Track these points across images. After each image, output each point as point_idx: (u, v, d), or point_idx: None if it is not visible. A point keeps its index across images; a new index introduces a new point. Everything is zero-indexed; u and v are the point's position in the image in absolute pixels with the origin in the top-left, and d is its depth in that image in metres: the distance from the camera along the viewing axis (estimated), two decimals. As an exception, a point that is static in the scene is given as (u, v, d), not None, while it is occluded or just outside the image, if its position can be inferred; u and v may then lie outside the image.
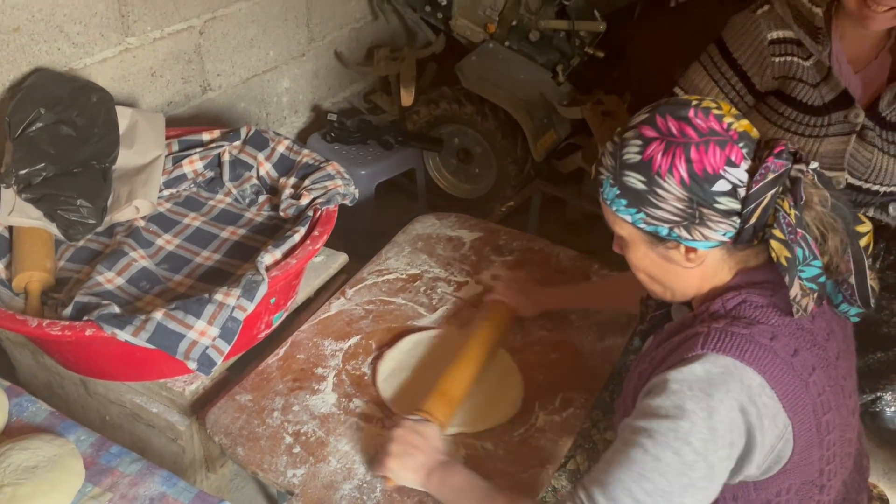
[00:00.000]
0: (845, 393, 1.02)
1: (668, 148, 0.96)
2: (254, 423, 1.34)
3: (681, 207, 0.97)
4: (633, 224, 1.02)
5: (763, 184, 0.94)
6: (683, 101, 0.99)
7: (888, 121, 1.62)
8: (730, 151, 0.95)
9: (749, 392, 0.92)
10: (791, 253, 0.95)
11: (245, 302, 1.33)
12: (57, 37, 1.74)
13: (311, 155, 1.73)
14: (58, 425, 1.18)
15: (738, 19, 1.68)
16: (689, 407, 0.92)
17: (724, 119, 0.97)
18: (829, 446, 0.99)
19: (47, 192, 1.51)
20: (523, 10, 2.46)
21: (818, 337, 0.99)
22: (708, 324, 0.99)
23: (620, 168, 1.00)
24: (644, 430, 0.94)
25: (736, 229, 0.97)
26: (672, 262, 1.03)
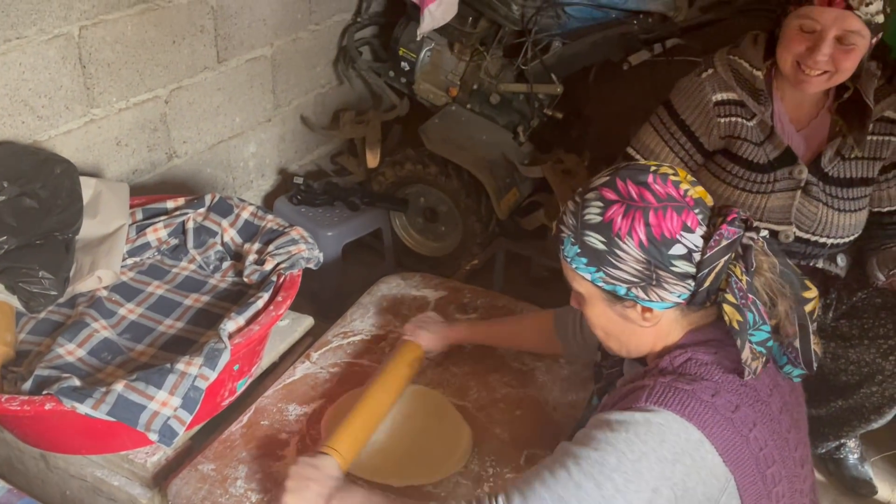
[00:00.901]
0: (790, 446, 1.05)
1: (627, 211, 1.00)
2: (216, 493, 1.33)
3: (639, 269, 1.01)
4: (592, 282, 1.06)
5: (717, 250, 0.99)
6: (643, 167, 1.04)
7: (830, 176, 1.70)
8: (686, 217, 1.00)
9: (685, 445, 0.96)
10: (743, 317, 0.99)
11: (207, 371, 1.33)
12: (22, 110, 1.76)
13: (276, 220, 1.75)
14: (15, 502, 1.17)
15: (684, 83, 1.76)
16: (621, 447, 0.96)
17: (681, 185, 1.02)
18: (779, 498, 1.02)
19: (9, 265, 1.51)
20: (483, 75, 2.54)
21: (761, 393, 1.03)
22: (655, 378, 1.02)
23: (581, 228, 1.04)
24: (574, 456, 0.98)
25: (690, 291, 1.02)
26: (629, 320, 1.07)
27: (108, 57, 1.92)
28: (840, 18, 1.50)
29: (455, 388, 1.58)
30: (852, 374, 1.81)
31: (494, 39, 2.52)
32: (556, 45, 2.46)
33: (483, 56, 2.53)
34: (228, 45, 2.28)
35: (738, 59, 1.70)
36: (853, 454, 2.03)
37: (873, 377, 1.77)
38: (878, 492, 2.00)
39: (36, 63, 1.75)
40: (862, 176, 1.71)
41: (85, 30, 1.84)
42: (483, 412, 1.52)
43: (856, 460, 2.02)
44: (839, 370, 1.84)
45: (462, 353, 1.68)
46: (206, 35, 2.19)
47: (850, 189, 1.71)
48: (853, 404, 1.85)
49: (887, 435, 2.02)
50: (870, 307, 1.78)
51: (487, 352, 1.67)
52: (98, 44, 1.88)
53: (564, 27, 2.44)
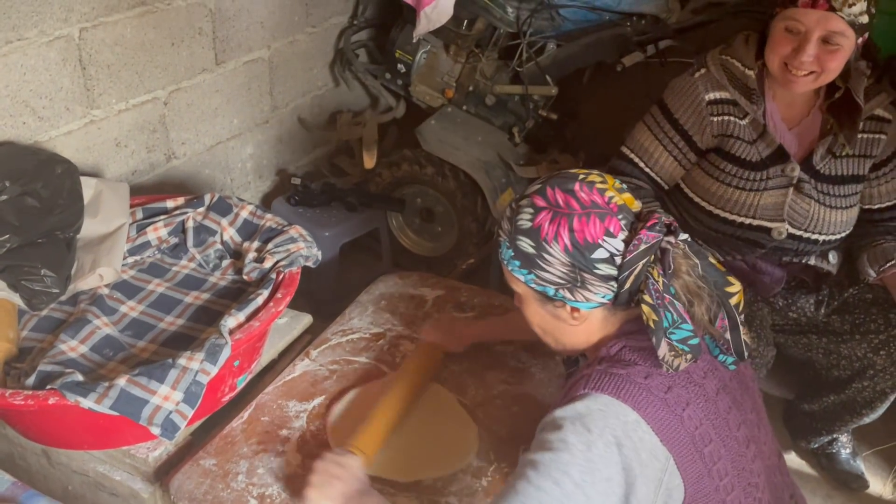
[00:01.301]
0: (730, 425, 1.09)
1: (554, 217, 1.06)
2: (218, 488, 1.34)
3: (564, 271, 1.07)
4: (525, 283, 1.12)
5: (636, 253, 1.05)
6: (572, 175, 1.10)
7: (822, 174, 1.72)
8: (609, 223, 1.05)
9: (625, 427, 1.01)
10: (658, 316, 1.04)
11: (208, 365, 1.35)
12: (23, 111, 1.78)
13: (274, 219, 1.77)
14: (20, 495, 1.18)
15: (677, 83, 1.79)
16: (570, 440, 1.00)
17: (607, 193, 1.08)
18: (722, 476, 1.06)
19: (11, 263, 1.52)
20: (479, 77, 2.56)
21: (694, 375, 1.08)
22: (592, 367, 1.08)
23: (514, 233, 1.10)
24: (531, 462, 1.02)
25: (613, 293, 1.08)
26: (560, 319, 1.14)
27: (108, 59, 1.94)
28: (823, 20, 1.53)
29: (453, 386, 1.60)
30: (844, 368, 1.84)
31: (490, 41, 2.55)
32: (550, 46, 2.48)
33: (478, 58, 2.55)
34: (226, 47, 2.30)
35: (730, 59, 1.73)
36: (845, 449, 2.05)
37: (865, 372, 1.80)
38: (869, 486, 2.02)
39: (37, 64, 1.77)
40: (853, 173, 1.74)
41: (85, 32, 1.86)
42: (480, 409, 1.54)
43: (848, 455, 2.05)
44: (831, 365, 1.87)
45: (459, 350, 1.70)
46: (205, 37, 2.21)
47: (841, 186, 1.73)
48: (845, 399, 1.88)
49: (879, 430, 2.05)
50: (861, 303, 1.81)
51: (484, 350, 1.69)
52: (98, 46, 1.90)
53: (559, 29, 2.47)
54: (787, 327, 1.91)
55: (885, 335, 1.75)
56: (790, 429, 2.11)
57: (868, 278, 1.78)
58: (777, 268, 1.81)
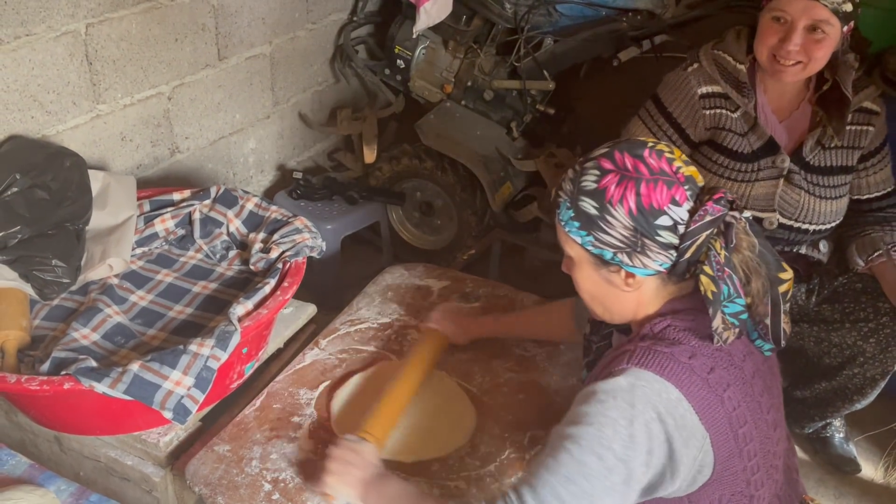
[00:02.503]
0: (762, 408, 1.12)
1: (621, 180, 1.06)
2: (233, 473, 1.37)
3: (626, 235, 1.07)
4: (582, 245, 1.11)
5: (701, 224, 1.05)
6: (641, 142, 1.10)
7: (812, 165, 1.77)
8: (675, 192, 1.06)
9: (667, 404, 1.02)
10: (717, 288, 1.05)
11: (219, 352, 1.38)
12: (31, 106, 1.81)
13: (280, 211, 1.81)
14: (38, 477, 1.22)
15: (671, 77, 1.83)
16: (613, 415, 1.01)
17: (675, 163, 1.08)
18: (751, 457, 1.09)
19: (23, 254, 1.56)
20: (477, 72, 2.60)
21: (735, 357, 1.10)
22: (636, 343, 1.09)
23: (577, 193, 1.09)
24: (571, 437, 1.02)
25: (672, 261, 1.08)
26: (612, 284, 1.13)
27: (114, 54, 1.97)
28: (808, 8, 1.57)
29: (460, 374, 1.63)
30: (835, 356, 1.88)
31: (488, 37, 2.59)
32: (547, 42, 2.52)
33: (477, 53, 2.59)
34: (228, 43, 2.33)
35: (721, 54, 1.77)
36: (838, 433, 2.10)
37: (855, 359, 1.84)
38: (861, 470, 2.07)
39: (44, 59, 1.81)
40: (842, 164, 1.78)
41: (91, 27, 1.89)
42: (487, 396, 1.58)
43: (841, 439, 2.09)
44: (822, 353, 1.91)
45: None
46: (208, 33, 2.25)
47: (830, 177, 1.78)
48: (836, 386, 1.92)
49: (871, 415, 2.09)
50: (851, 292, 1.85)
51: (490, 339, 1.73)
52: (104, 41, 1.93)
53: (556, 25, 2.50)
54: (779, 316, 1.95)
55: (874, 323, 1.79)
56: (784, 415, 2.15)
57: (857, 268, 1.82)
58: (769, 257, 1.85)
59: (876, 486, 2.05)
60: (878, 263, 1.79)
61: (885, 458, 2.10)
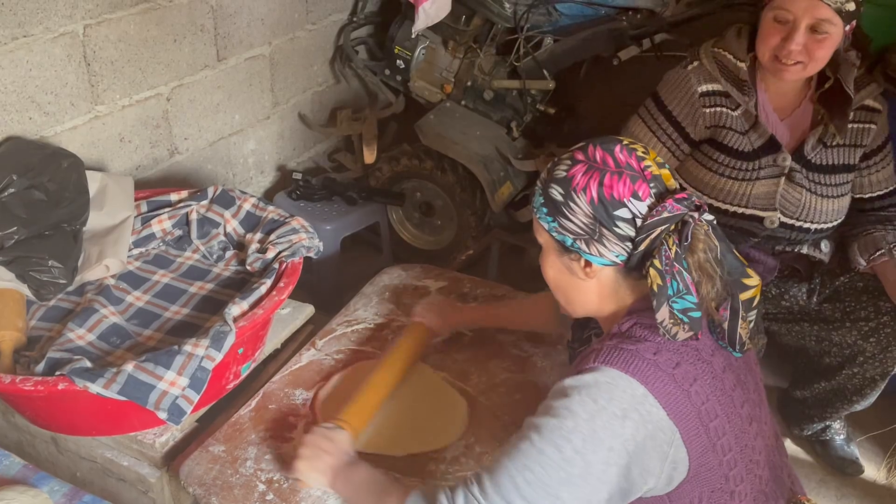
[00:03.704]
0: (735, 403, 1.13)
1: (588, 170, 1.10)
2: (227, 473, 1.37)
3: (586, 223, 1.10)
4: (548, 232, 1.16)
5: (656, 219, 1.07)
6: (616, 139, 1.13)
7: (813, 163, 1.76)
8: (638, 187, 1.08)
9: (632, 400, 1.04)
10: (664, 282, 1.07)
11: (213, 352, 1.38)
12: (28, 107, 1.81)
13: (277, 211, 1.80)
14: (31, 477, 1.22)
15: (671, 75, 1.82)
16: (575, 409, 1.04)
17: (644, 161, 1.11)
18: (726, 451, 1.10)
19: (19, 255, 1.56)
20: (477, 72, 2.60)
21: (703, 353, 1.11)
22: (603, 342, 1.12)
23: (549, 181, 1.14)
24: (535, 426, 1.06)
25: (627, 253, 1.11)
26: (573, 273, 1.17)
27: (112, 55, 1.97)
28: (811, 7, 1.56)
29: (456, 374, 1.62)
30: (835, 356, 1.87)
31: (487, 37, 2.58)
32: (547, 41, 2.51)
33: (476, 53, 2.59)
34: (228, 43, 2.33)
35: (722, 52, 1.76)
36: (839, 435, 2.08)
37: (855, 359, 1.83)
38: (864, 471, 2.06)
39: (42, 61, 1.81)
40: (844, 163, 1.77)
41: (89, 28, 1.89)
42: (483, 396, 1.57)
43: (842, 441, 2.08)
44: (822, 352, 1.90)
45: (463, 339, 1.72)
46: (207, 34, 2.24)
47: (832, 175, 1.77)
48: (836, 386, 1.91)
49: (873, 415, 2.08)
50: (852, 291, 1.84)
51: (487, 339, 1.72)
52: (102, 42, 1.93)
53: (555, 24, 2.50)
54: (779, 315, 1.94)
55: (874, 322, 1.78)
56: (784, 416, 2.14)
57: (859, 267, 1.81)
58: (770, 257, 1.84)
59: (878, 488, 2.04)
60: (880, 263, 1.78)
61: (888, 459, 2.08)
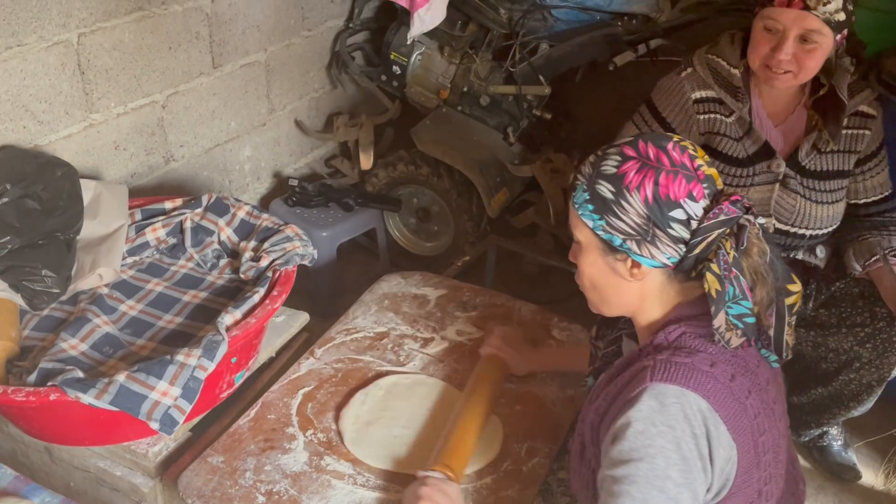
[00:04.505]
0: (776, 416, 1.10)
1: (641, 167, 1.06)
2: (226, 485, 1.36)
3: (638, 223, 1.06)
4: (592, 230, 1.11)
5: (714, 221, 1.04)
6: (666, 136, 1.10)
7: (808, 169, 1.75)
8: (693, 187, 1.05)
9: (700, 416, 1.00)
10: (722, 287, 1.04)
11: (206, 361, 1.38)
12: (23, 115, 1.81)
13: (271, 219, 1.80)
14: (23, 489, 1.21)
15: (664, 82, 1.82)
16: (658, 443, 0.99)
17: (697, 160, 1.08)
18: (766, 467, 1.07)
19: (12, 264, 1.56)
20: (473, 77, 2.60)
21: (750, 363, 1.08)
22: (653, 357, 1.06)
23: (595, 177, 1.09)
24: (625, 478, 0.99)
25: (680, 256, 1.07)
26: (616, 273, 1.12)
27: (107, 63, 1.97)
28: (799, 18, 1.56)
29: (458, 385, 1.61)
30: (831, 361, 1.86)
31: (483, 42, 2.58)
32: (543, 47, 2.51)
33: (472, 59, 2.58)
34: (223, 50, 2.33)
35: (715, 58, 1.76)
36: (836, 441, 2.07)
37: (851, 364, 1.82)
38: (862, 477, 2.04)
39: (36, 69, 1.81)
40: (838, 168, 1.77)
41: (84, 37, 1.89)
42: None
43: (839, 447, 2.07)
44: (819, 358, 1.89)
45: (463, 349, 1.72)
46: (202, 41, 2.25)
47: (826, 181, 1.76)
48: (832, 391, 1.90)
49: (870, 421, 2.07)
50: (848, 296, 1.83)
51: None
52: (96, 50, 1.94)
53: (551, 30, 2.50)
54: (776, 321, 1.93)
55: (870, 328, 1.77)
56: (782, 422, 2.13)
57: (854, 272, 1.81)
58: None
59: (876, 493, 2.03)
60: (876, 268, 1.77)
61: (886, 465, 2.07)
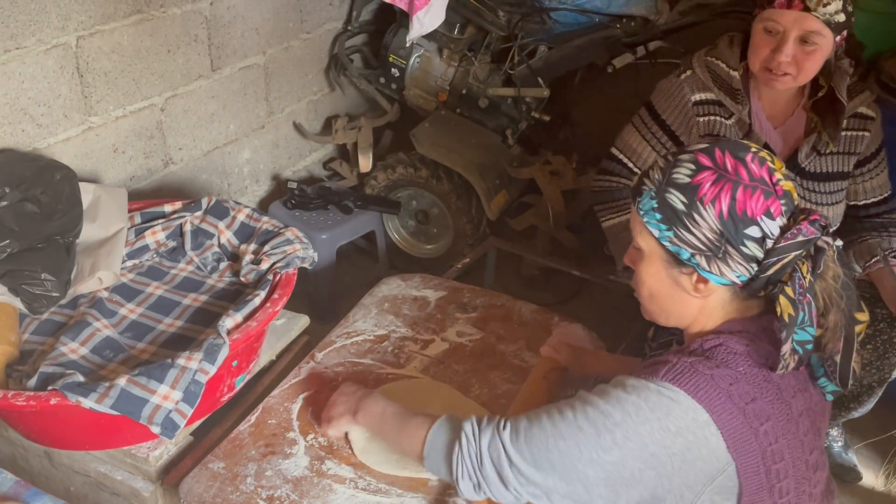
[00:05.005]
0: (805, 448, 1.06)
1: (718, 180, 1.01)
2: (227, 491, 1.35)
3: (710, 238, 1.02)
4: (658, 240, 1.07)
5: (792, 242, 1.00)
6: (745, 145, 1.05)
7: (808, 171, 1.76)
8: (771, 203, 1.01)
9: (692, 424, 0.99)
10: (795, 312, 1.00)
11: (207, 365, 1.37)
12: (21, 119, 1.81)
13: (271, 222, 1.80)
14: (23, 493, 1.21)
15: (664, 84, 1.82)
16: (628, 408, 1.01)
17: (776, 174, 1.03)
18: (783, 494, 1.04)
19: (11, 268, 1.55)
20: (472, 80, 2.60)
21: (784, 392, 1.04)
22: (679, 356, 1.04)
23: (666, 185, 1.05)
24: (584, 400, 1.03)
25: (750, 276, 1.03)
26: (680, 286, 1.09)
27: (105, 66, 1.97)
28: (799, 20, 1.56)
29: (457, 385, 1.61)
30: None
31: (482, 45, 2.58)
32: (542, 49, 2.52)
33: (471, 61, 2.59)
34: (222, 53, 2.33)
35: (715, 61, 1.76)
36: (837, 442, 2.08)
37: (852, 365, 1.82)
38: (863, 478, 2.05)
39: (35, 73, 1.80)
40: (838, 170, 1.77)
41: (82, 40, 1.89)
42: (485, 407, 1.56)
43: (840, 448, 2.07)
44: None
45: (464, 350, 1.72)
46: (200, 44, 2.24)
47: (826, 183, 1.77)
48: (834, 393, 1.90)
49: (871, 422, 2.07)
50: (848, 297, 1.84)
51: (488, 349, 1.71)
52: (95, 53, 1.93)
53: (550, 32, 2.50)
54: (776, 323, 1.93)
55: (871, 329, 1.77)
56: (782, 423, 2.13)
57: (854, 273, 1.81)
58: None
59: (877, 495, 2.03)
60: (876, 270, 1.77)
61: (886, 466, 2.08)
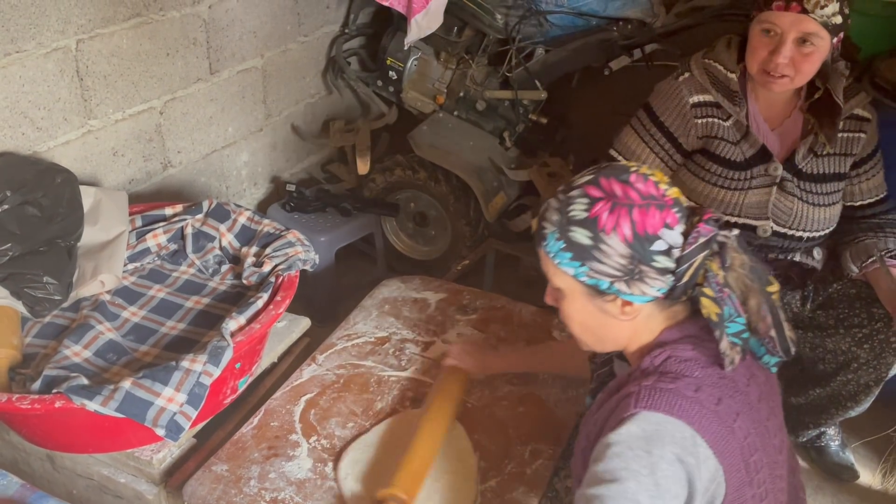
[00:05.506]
0: (770, 433, 1.09)
1: (613, 208, 1.04)
2: (231, 493, 1.36)
3: (623, 263, 1.05)
4: (574, 277, 1.08)
5: (695, 246, 1.03)
6: (623, 167, 1.08)
7: (804, 172, 1.77)
8: (666, 215, 1.04)
9: (683, 444, 0.99)
10: (720, 309, 1.03)
11: (211, 367, 1.38)
12: (21, 122, 1.81)
13: (272, 224, 1.80)
14: (29, 497, 1.21)
15: (662, 86, 1.84)
16: (633, 467, 0.98)
17: (660, 185, 1.06)
18: (760, 484, 1.06)
19: (13, 272, 1.55)
20: (469, 82, 2.61)
21: (739, 383, 1.07)
22: (639, 382, 1.05)
23: (567, 223, 1.06)
24: (596, 498, 0.98)
25: (669, 286, 1.06)
26: (607, 314, 1.11)
27: (105, 69, 1.97)
28: (797, 22, 1.58)
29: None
30: (829, 362, 1.88)
31: (479, 48, 2.59)
32: (539, 52, 2.53)
33: (469, 64, 2.59)
34: (220, 56, 2.33)
35: (712, 63, 1.77)
36: (834, 441, 2.09)
37: (849, 365, 1.83)
38: (860, 476, 2.06)
39: (35, 76, 1.80)
40: (834, 171, 1.79)
41: (82, 43, 1.89)
42: (487, 410, 1.57)
43: (837, 447, 2.09)
44: (817, 359, 1.90)
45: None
46: (199, 47, 2.24)
47: (823, 184, 1.78)
48: (830, 392, 1.91)
49: (867, 421, 2.08)
50: (845, 298, 1.85)
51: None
52: (95, 57, 1.93)
53: (547, 35, 2.51)
54: (774, 323, 1.94)
55: (868, 329, 1.79)
56: (780, 423, 2.14)
57: (851, 274, 1.82)
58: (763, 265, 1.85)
59: (874, 493, 2.04)
60: (872, 270, 1.79)
61: (883, 464, 2.09)
